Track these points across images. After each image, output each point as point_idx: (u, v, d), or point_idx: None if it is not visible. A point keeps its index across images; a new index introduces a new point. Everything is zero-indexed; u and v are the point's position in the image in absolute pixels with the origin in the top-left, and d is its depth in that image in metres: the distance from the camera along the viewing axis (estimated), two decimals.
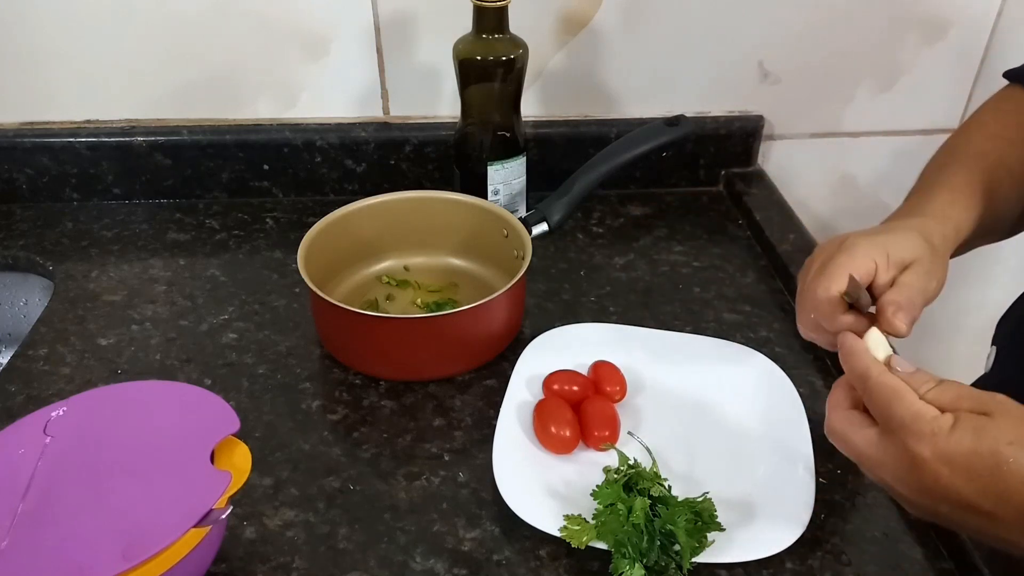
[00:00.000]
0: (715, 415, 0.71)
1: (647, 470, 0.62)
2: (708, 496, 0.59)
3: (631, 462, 0.63)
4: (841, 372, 0.52)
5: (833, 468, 0.66)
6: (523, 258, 0.76)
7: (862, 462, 0.51)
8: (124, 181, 0.99)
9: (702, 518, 0.58)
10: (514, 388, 0.70)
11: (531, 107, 0.99)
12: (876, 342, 0.53)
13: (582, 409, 0.68)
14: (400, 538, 0.61)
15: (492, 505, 0.63)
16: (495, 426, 0.70)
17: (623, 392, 0.71)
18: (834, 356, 0.76)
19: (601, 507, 0.59)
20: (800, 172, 1.08)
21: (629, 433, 0.68)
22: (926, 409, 0.48)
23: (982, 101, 0.76)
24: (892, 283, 0.57)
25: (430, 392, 0.73)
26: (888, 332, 0.55)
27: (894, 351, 0.54)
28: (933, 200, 0.64)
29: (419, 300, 0.84)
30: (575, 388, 0.70)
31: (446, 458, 0.67)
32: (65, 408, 0.58)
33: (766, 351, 0.78)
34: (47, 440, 0.56)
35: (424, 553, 0.59)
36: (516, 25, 0.82)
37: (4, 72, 0.94)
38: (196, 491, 0.52)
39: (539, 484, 0.63)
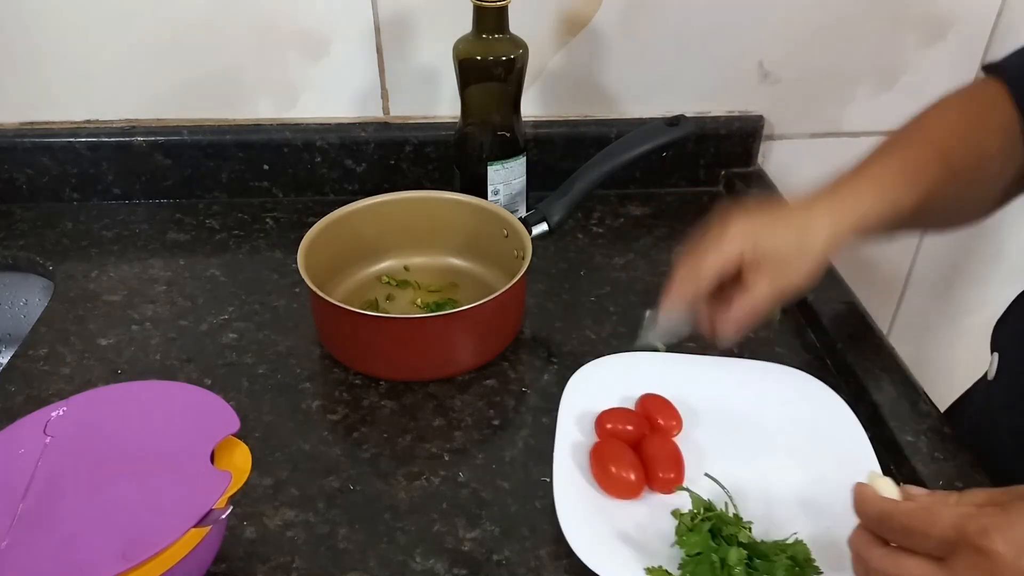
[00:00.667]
0: (778, 445, 0.67)
1: (727, 513, 0.58)
2: (799, 538, 0.56)
3: (707, 504, 0.59)
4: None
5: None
6: (523, 258, 0.76)
7: None
8: (124, 181, 0.99)
9: (798, 562, 0.54)
10: (563, 430, 0.66)
11: (531, 107, 0.99)
12: (884, 488, 0.52)
13: (642, 449, 0.64)
14: (400, 538, 0.61)
15: (492, 505, 0.63)
16: (495, 426, 0.70)
17: (679, 427, 0.67)
18: (834, 355, 0.77)
19: (687, 556, 0.56)
20: (800, 172, 1.08)
21: (707, 475, 0.62)
22: (968, 510, 0.45)
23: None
24: (755, 266, 0.61)
25: (430, 392, 0.73)
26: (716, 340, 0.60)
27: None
28: (852, 183, 0.66)
29: (419, 300, 0.84)
30: (630, 427, 0.66)
31: (446, 458, 0.67)
32: (65, 408, 0.58)
33: (766, 351, 0.78)
34: (47, 440, 0.56)
35: (424, 553, 0.59)
36: (516, 25, 0.82)
37: (4, 72, 0.94)
38: (196, 491, 0.52)
39: (609, 532, 0.59)
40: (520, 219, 0.79)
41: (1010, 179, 0.69)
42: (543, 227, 0.79)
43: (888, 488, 0.51)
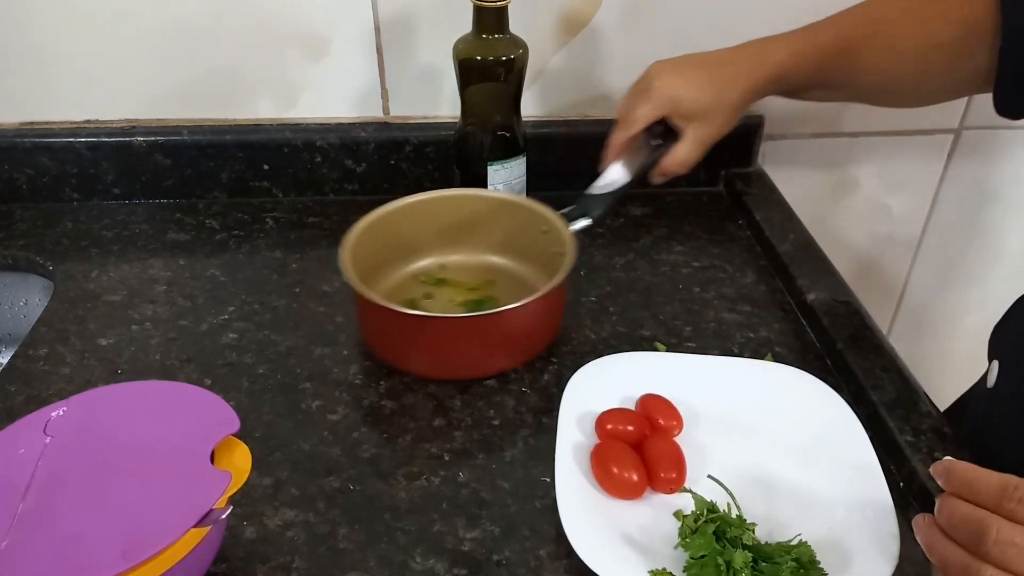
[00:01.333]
0: (779, 445, 0.67)
1: (730, 515, 0.58)
2: (803, 539, 0.56)
3: (710, 505, 0.58)
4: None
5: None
6: (564, 253, 0.75)
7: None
8: (124, 181, 0.99)
9: (802, 564, 0.54)
10: (564, 431, 0.66)
11: (531, 107, 0.99)
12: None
13: (644, 449, 0.64)
14: (400, 538, 0.61)
15: (492, 505, 0.63)
16: (495, 426, 0.70)
17: (680, 427, 0.67)
18: (834, 355, 0.77)
19: (691, 559, 0.55)
20: (800, 172, 1.08)
21: (710, 477, 0.63)
22: (999, 475, 0.45)
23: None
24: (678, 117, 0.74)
25: (430, 392, 0.73)
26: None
27: None
28: (779, 40, 0.75)
29: (459, 298, 0.83)
30: (630, 428, 0.66)
31: (446, 458, 0.67)
32: (65, 408, 0.58)
33: (766, 351, 0.78)
34: (47, 440, 0.56)
35: (424, 553, 0.59)
36: (516, 25, 0.82)
37: (4, 72, 0.94)
38: (196, 491, 0.52)
39: (612, 533, 0.59)
40: (560, 214, 0.79)
41: (966, 73, 0.71)
42: (585, 222, 0.78)
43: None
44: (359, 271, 0.74)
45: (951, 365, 1.25)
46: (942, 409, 0.72)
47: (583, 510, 0.60)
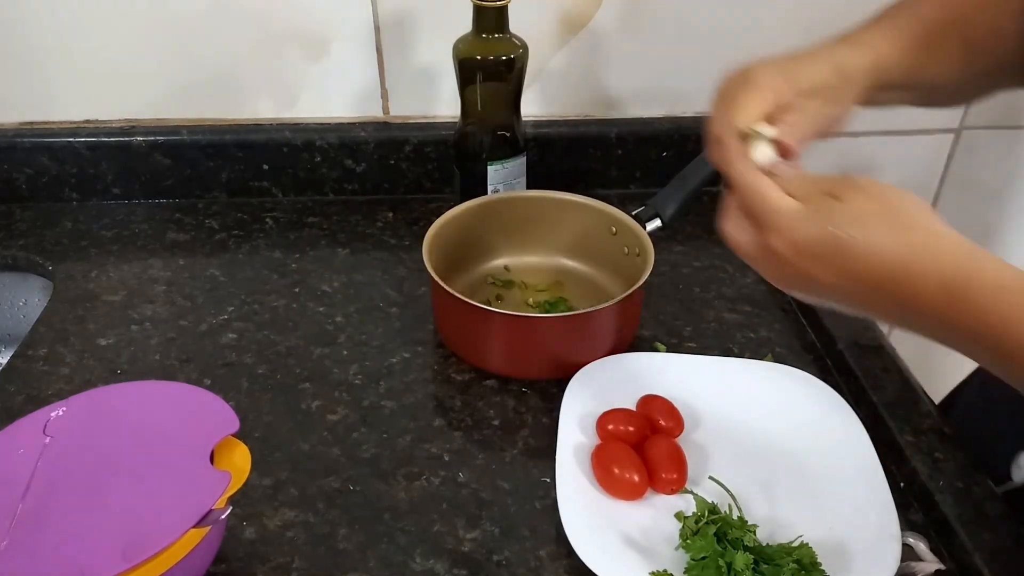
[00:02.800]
0: (780, 446, 0.67)
1: (732, 516, 0.58)
2: (804, 541, 0.56)
3: (711, 507, 0.59)
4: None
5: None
6: (639, 255, 0.75)
7: (748, 261, 0.53)
8: (124, 181, 0.99)
9: (803, 566, 0.54)
10: (565, 431, 0.66)
11: (531, 107, 0.99)
12: (762, 152, 0.54)
13: (644, 450, 0.64)
14: (400, 538, 0.60)
15: (492, 505, 0.63)
16: (495, 426, 0.70)
17: (681, 428, 0.67)
18: (834, 355, 0.77)
19: (692, 560, 0.56)
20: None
21: (711, 478, 0.63)
22: (782, 204, 0.50)
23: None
24: (789, 107, 0.58)
25: (430, 392, 0.73)
26: (779, 149, 0.56)
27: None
28: (866, 31, 0.64)
29: (531, 300, 0.83)
30: (631, 428, 0.66)
31: (446, 458, 0.67)
32: (65, 408, 0.58)
33: (766, 351, 0.78)
34: (47, 440, 0.55)
35: (424, 553, 0.59)
36: (516, 25, 0.82)
37: (4, 72, 0.94)
38: (196, 491, 0.52)
39: (613, 534, 0.59)
40: (632, 215, 0.78)
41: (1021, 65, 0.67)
42: (656, 223, 0.77)
43: (764, 152, 0.54)
44: (437, 272, 0.73)
45: (951, 365, 1.24)
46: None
47: (584, 511, 0.60)
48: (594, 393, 0.69)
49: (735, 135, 0.55)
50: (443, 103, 0.98)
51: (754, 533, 0.56)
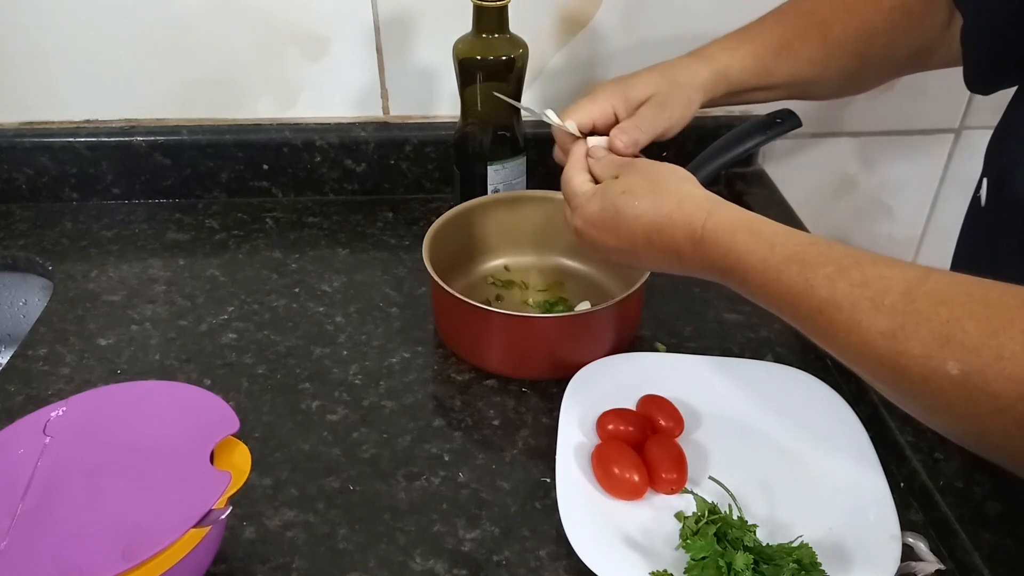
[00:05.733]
0: (780, 446, 0.67)
1: (732, 516, 0.58)
2: (804, 541, 0.56)
3: (711, 507, 0.58)
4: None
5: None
6: None
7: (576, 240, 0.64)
8: (124, 181, 0.99)
9: (804, 566, 0.54)
10: (565, 431, 0.66)
11: (531, 107, 0.99)
12: (593, 143, 0.67)
13: (644, 450, 0.64)
14: (400, 538, 0.60)
15: (492, 505, 0.63)
16: (495, 426, 0.70)
17: (681, 428, 0.67)
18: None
19: (692, 560, 0.55)
20: (800, 172, 1.08)
21: (711, 478, 0.63)
22: (580, 188, 0.63)
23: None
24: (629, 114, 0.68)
25: (430, 392, 0.73)
26: (612, 150, 0.66)
27: None
28: (711, 46, 0.73)
29: (530, 300, 0.83)
30: (631, 428, 0.66)
31: (446, 458, 0.67)
32: (65, 408, 0.58)
33: (766, 351, 0.78)
34: (47, 440, 0.55)
35: (424, 553, 0.59)
36: (516, 25, 0.82)
37: (4, 72, 0.94)
38: (196, 491, 0.52)
39: (613, 534, 0.59)
40: None
41: (903, 57, 0.73)
42: None
43: (597, 140, 0.67)
44: (437, 271, 0.74)
45: None
46: None
47: (584, 511, 0.60)
48: (594, 393, 0.69)
49: (569, 137, 0.68)
50: (443, 103, 0.98)
51: (754, 533, 0.56)
